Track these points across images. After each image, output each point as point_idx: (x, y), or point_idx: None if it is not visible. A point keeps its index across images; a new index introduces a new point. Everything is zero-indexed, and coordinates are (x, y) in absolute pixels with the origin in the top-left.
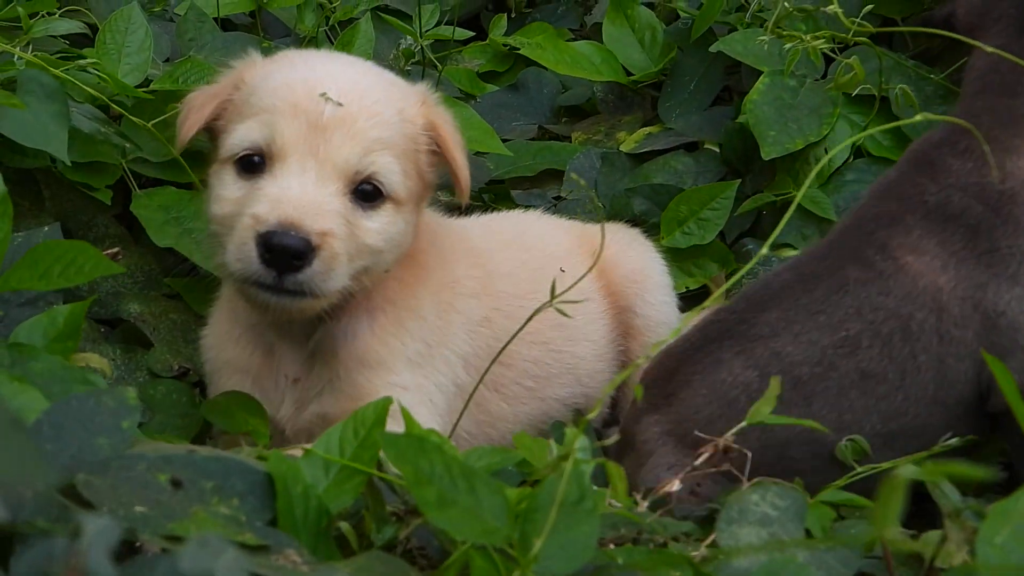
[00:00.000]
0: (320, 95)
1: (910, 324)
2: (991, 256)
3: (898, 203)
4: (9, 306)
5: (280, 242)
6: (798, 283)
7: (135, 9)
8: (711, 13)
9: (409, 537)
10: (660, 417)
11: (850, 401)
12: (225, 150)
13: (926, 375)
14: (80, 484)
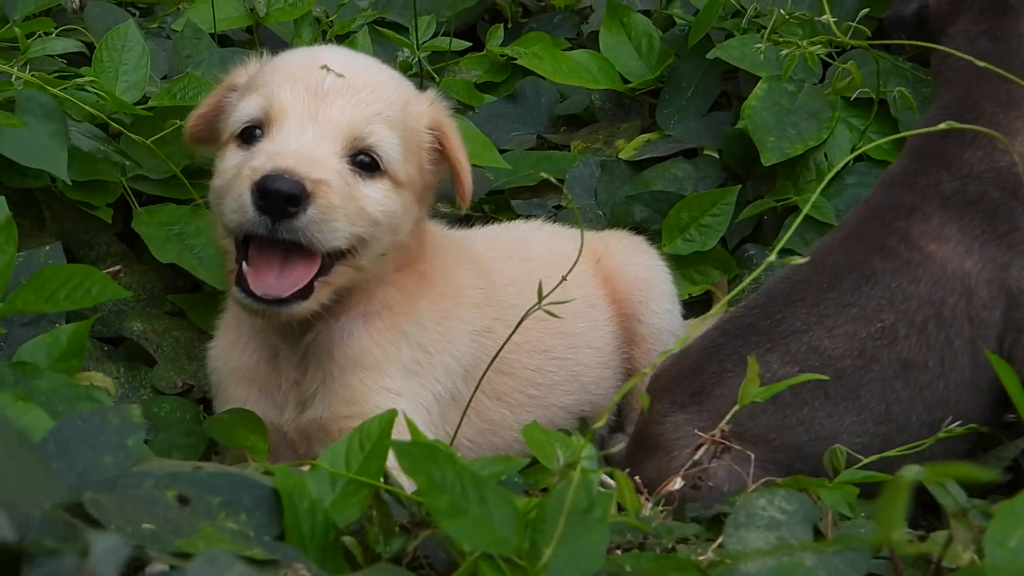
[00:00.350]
0: (321, 67)
1: (942, 310)
2: (1012, 236)
3: (912, 194)
4: (13, 326)
5: (273, 185)
6: (820, 277)
7: (131, 27)
8: (707, 19)
9: (416, 549)
10: (691, 416)
11: (896, 392)
12: (227, 131)
13: (963, 360)
14: (87, 502)
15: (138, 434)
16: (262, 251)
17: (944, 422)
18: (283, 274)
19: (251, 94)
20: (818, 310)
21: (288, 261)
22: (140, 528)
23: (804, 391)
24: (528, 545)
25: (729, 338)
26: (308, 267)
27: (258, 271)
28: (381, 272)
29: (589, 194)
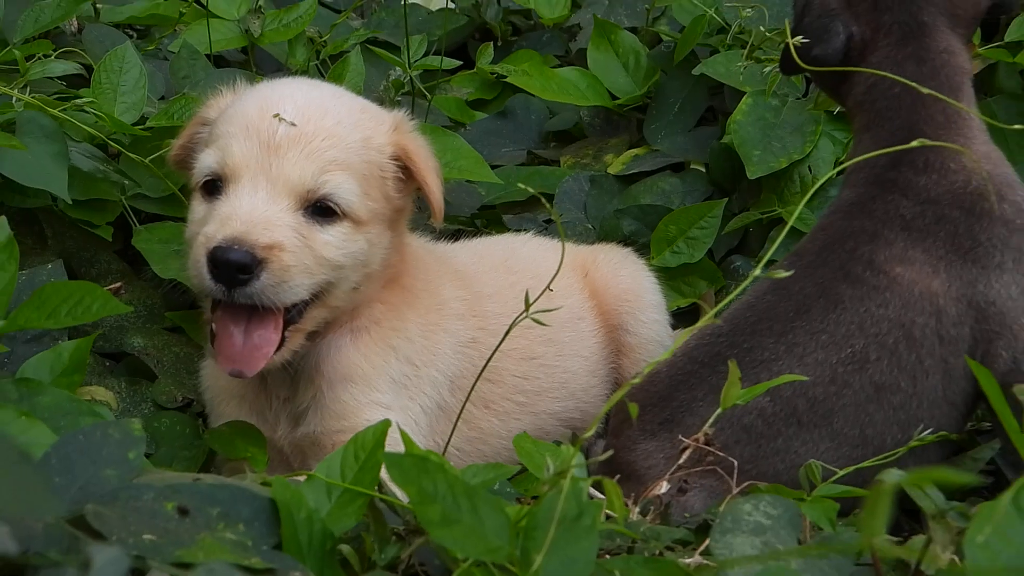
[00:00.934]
0: (273, 116)
1: (912, 331)
2: (975, 252)
3: (871, 220)
4: (15, 343)
5: (224, 257)
6: (786, 305)
7: (129, 49)
8: (693, 36)
9: (411, 556)
10: (662, 443)
11: (869, 415)
12: (193, 179)
13: (934, 378)
14: (89, 515)
15: (139, 447)
16: (228, 309)
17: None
18: (249, 333)
19: (211, 146)
20: (787, 339)
21: (254, 317)
22: (141, 539)
23: (777, 421)
24: (520, 552)
25: (698, 366)
26: (274, 321)
27: (225, 337)
28: (363, 297)
29: (579, 208)
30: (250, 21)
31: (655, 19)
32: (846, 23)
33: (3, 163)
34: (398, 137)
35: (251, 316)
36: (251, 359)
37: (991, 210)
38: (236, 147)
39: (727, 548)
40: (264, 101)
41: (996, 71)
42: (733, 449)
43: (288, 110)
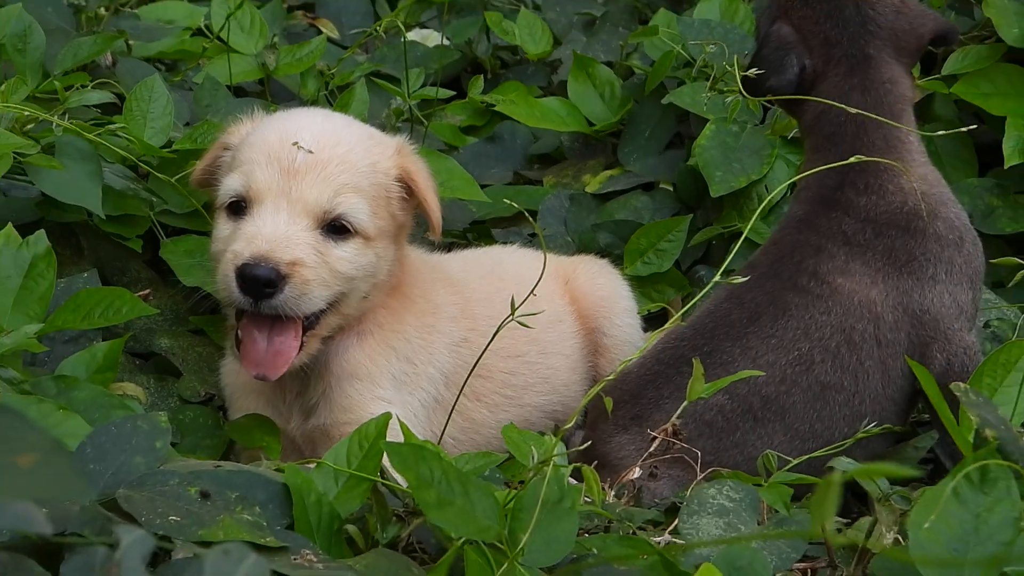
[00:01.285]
0: (292, 144)
1: (853, 335)
2: (910, 265)
3: (817, 235)
4: (54, 343)
5: (252, 273)
6: (741, 312)
7: (157, 80)
8: (662, 70)
9: (410, 535)
10: (633, 436)
11: (817, 411)
12: (218, 199)
13: (874, 377)
14: (120, 498)
15: (165, 438)
16: (252, 318)
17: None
18: (272, 340)
19: (235, 171)
20: (742, 343)
21: (276, 325)
22: (167, 520)
23: (735, 416)
24: (507, 532)
25: (664, 367)
26: (295, 329)
27: (250, 344)
28: (370, 304)
29: (560, 223)
30: (266, 56)
31: (628, 54)
32: (800, 55)
33: (43, 182)
34: (401, 160)
35: (273, 324)
36: (274, 364)
37: (925, 228)
38: (259, 172)
39: (694, 528)
40: (283, 130)
41: (933, 101)
42: (696, 442)
43: (305, 139)
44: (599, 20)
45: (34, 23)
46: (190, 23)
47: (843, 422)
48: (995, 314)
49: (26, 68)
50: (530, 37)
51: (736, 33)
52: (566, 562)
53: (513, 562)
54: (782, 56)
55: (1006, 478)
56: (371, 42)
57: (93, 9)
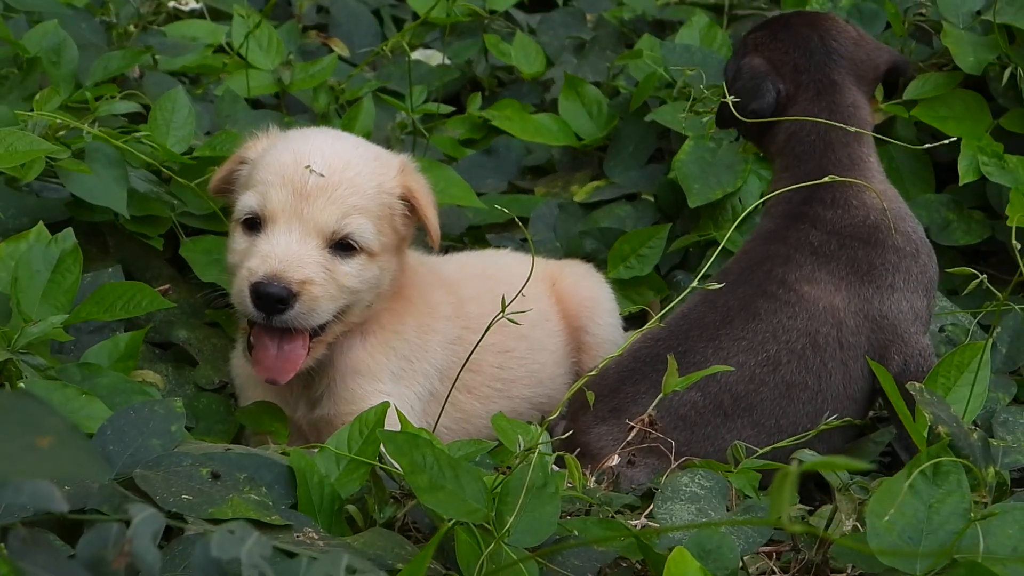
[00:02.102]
0: (305, 167)
1: (817, 339)
2: (871, 274)
3: (786, 246)
4: (80, 333)
5: (265, 291)
6: (714, 316)
7: (180, 92)
8: (645, 90)
9: (405, 516)
10: (611, 428)
11: (783, 408)
12: (235, 214)
13: (836, 378)
14: (137, 478)
15: (180, 422)
16: (264, 327)
17: (825, 429)
18: (281, 347)
19: (251, 188)
20: (714, 344)
21: (286, 334)
22: (180, 498)
23: (707, 412)
24: (494, 514)
25: (640, 364)
26: (302, 338)
27: (261, 351)
28: (374, 311)
29: (549, 229)
30: (282, 71)
31: (615, 75)
32: (774, 82)
33: (73, 184)
34: (404, 179)
35: (283, 333)
36: (283, 370)
37: (885, 240)
38: (274, 194)
39: (668, 514)
40: (297, 152)
41: (895, 123)
42: (671, 434)
43: (317, 162)
44: (588, 44)
45: (68, 38)
46: (212, 40)
47: (807, 419)
48: (950, 319)
49: (59, 79)
50: (525, 58)
51: (714, 58)
52: (549, 543)
53: (499, 542)
54: (758, 83)
55: (957, 472)
56: (378, 60)
57: (123, 26)
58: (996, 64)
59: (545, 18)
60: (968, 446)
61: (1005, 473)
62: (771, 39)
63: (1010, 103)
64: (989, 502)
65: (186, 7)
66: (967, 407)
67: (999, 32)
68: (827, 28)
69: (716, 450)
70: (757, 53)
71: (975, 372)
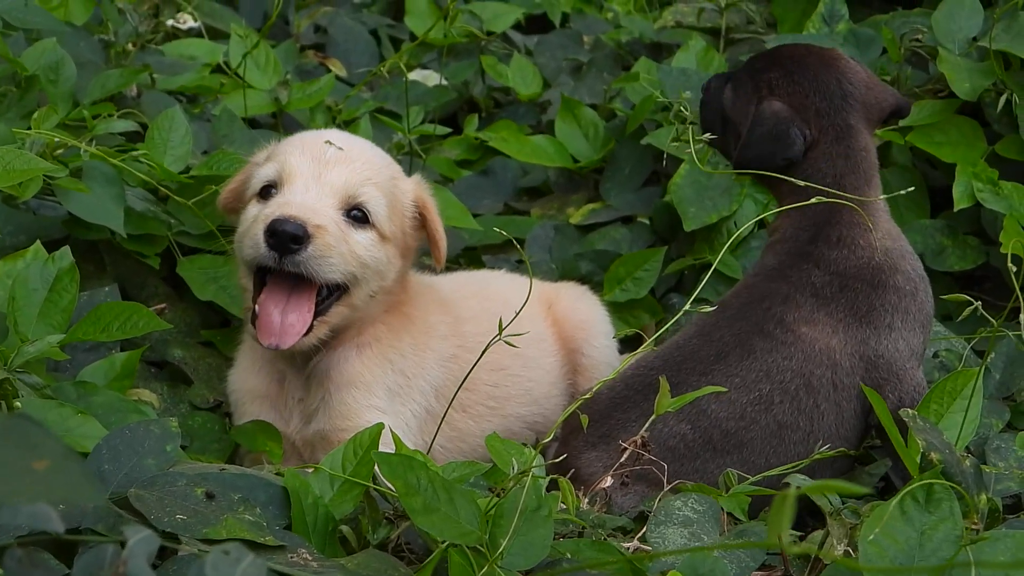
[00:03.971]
0: (325, 142)
1: (811, 380)
2: (870, 316)
3: (787, 284)
4: (76, 351)
5: (281, 228)
6: (708, 350)
7: (178, 112)
8: (641, 113)
9: (399, 537)
10: (600, 454)
11: (773, 447)
12: (249, 191)
13: (829, 419)
14: (132, 497)
15: (175, 441)
16: (271, 293)
17: (816, 467)
18: (286, 314)
19: (269, 162)
20: (707, 378)
21: (291, 299)
22: (175, 519)
23: (696, 446)
24: (488, 536)
25: (632, 392)
26: (308, 303)
27: (265, 317)
28: (372, 313)
29: (545, 251)
30: (279, 91)
31: (611, 98)
32: (800, 128)
33: (70, 203)
34: (419, 191)
35: (289, 299)
36: (286, 335)
37: (887, 281)
38: (292, 159)
39: (661, 538)
40: (318, 132)
41: (891, 148)
42: (660, 466)
43: (336, 141)
44: (585, 66)
45: (66, 56)
46: (210, 60)
47: (797, 459)
48: (944, 345)
49: (57, 98)
50: (522, 80)
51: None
52: (542, 565)
53: (493, 565)
54: (785, 130)
55: (949, 499)
56: (376, 81)
57: (121, 44)
58: (992, 91)
59: (542, 40)
60: (960, 473)
61: (997, 500)
62: (789, 81)
63: (1005, 130)
64: (981, 529)
65: (184, 26)
66: (960, 433)
67: (995, 59)
68: (842, 70)
69: (702, 479)
70: (776, 97)
71: (968, 398)
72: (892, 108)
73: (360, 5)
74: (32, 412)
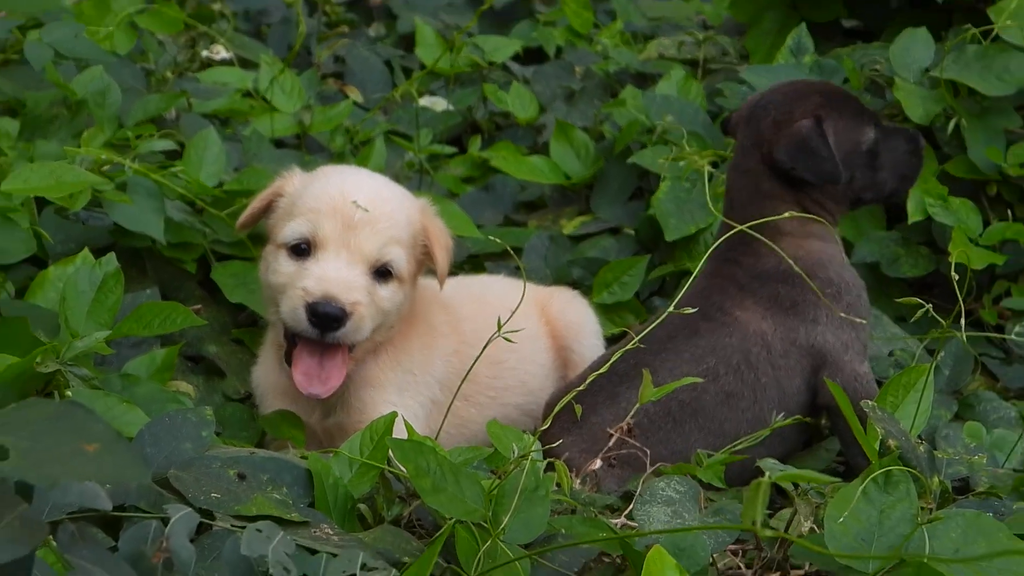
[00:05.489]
0: (352, 202)
1: (749, 357)
2: (794, 309)
3: (721, 279)
4: (121, 347)
5: (323, 311)
6: (662, 332)
7: (212, 132)
8: (628, 135)
9: (411, 514)
10: (575, 438)
11: (724, 415)
12: (279, 238)
13: (771, 392)
14: (171, 478)
15: (210, 428)
16: (307, 344)
17: (770, 441)
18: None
19: (299, 216)
20: (661, 356)
21: (326, 351)
22: (210, 496)
23: (658, 418)
24: (491, 514)
25: (598, 377)
26: (342, 355)
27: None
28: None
29: (541, 259)
30: (303, 115)
31: (601, 122)
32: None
33: (116, 213)
34: (425, 217)
35: (324, 349)
36: (328, 383)
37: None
38: (325, 223)
39: (646, 516)
40: (342, 188)
41: None
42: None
43: (361, 198)
44: (577, 93)
45: (112, 83)
46: (241, 86)
47: (747, 424)
48: (899, 345)
49: (104, 120)
50: (520, 105)
51: (690, 107)
52: (540, 540)
53: (496, 540)
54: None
55: (906, 481)
56: (389, 106)
57: (161, 72)
58: (942, 115)
59: (538, 69)
60: (916, 458)
61: (948, 482)
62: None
63: (954, 151)
64: (934, 508)
65: (218, 56)
66: (913, 423)
67: (945, 87)
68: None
69: (670, 452)
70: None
71: (920, 392)
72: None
73: (375, 38)
74: (81, 401)
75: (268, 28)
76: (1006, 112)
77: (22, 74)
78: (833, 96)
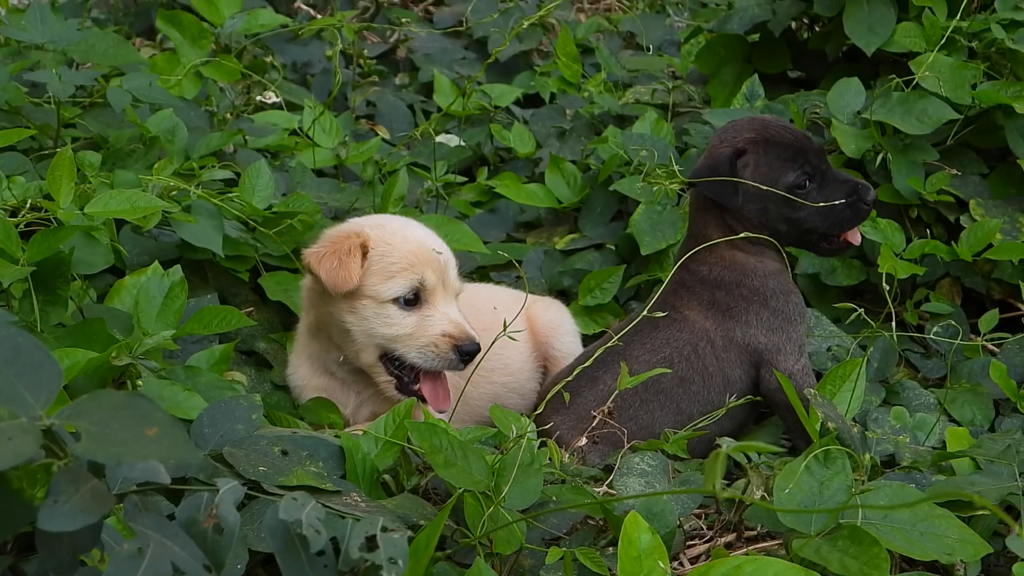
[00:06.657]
0: (435, 251)
1: (697, 348)
2: (729, 311)
3: (675, 285)
4: (185, 343)
5: (469, 349)
6: (633, 330)
7: (263, 164)
8: (610, 166)
9: (427, 484)
10: (563, 418)
11: (680, 396)
12: (382, 294)
13: (717, 379)
14: (225, 454)
15: (259, 412)
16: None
17: (722, 419)
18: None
19: (399, 274)
20: (629, 348)
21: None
22: (257, 470)
23: (627, 397)
24: (494, 484)
25: (576, 363)
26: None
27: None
28: None
29: (537, 270)
30: (339, 149)
31: (587, 155)
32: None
33: (182, 231)
34: None
35: (438, 375)
36: (448, 400)
37: (732, 289)
38: (430, 274)
39: (624, 485)
40: (424, 241)
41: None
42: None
43: (430, 244)
44: (568, 131)
45: (180, 122)
46: (288, 125)
47: (698, 405)
48: (836, 342)
49: (173, 153)
50: (520, 142)
51: (661, 143)
52: (534, 506)
53: (497, 506)
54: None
55: (842, 458)
56: (412, 142)
57: (221, 114)
58: (871, 151)
59: (536, 112)
60: (850, 438)
61: (877, 458)
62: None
63: (882, 180)
64: (866, 480)
65: (269, 100)
66: (848, 407)
67: (874, 127)
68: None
69: (638, 428)
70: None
71: (854, 381)
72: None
73: (400, 86)
74: (151, 389)
75: (311, 77)
76: (925, 148)
77: (105, 115)
78: (769, 136)
